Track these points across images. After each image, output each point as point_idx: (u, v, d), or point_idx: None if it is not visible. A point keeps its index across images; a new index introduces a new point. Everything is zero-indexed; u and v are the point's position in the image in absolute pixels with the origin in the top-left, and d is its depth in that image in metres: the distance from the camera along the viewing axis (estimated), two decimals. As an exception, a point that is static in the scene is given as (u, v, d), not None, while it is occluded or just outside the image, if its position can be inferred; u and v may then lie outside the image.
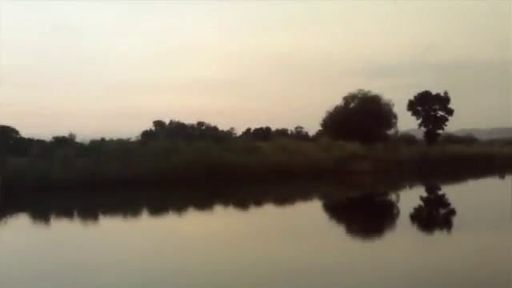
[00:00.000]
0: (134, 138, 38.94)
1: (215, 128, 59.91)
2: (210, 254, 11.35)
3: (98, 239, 14.32)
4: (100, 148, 31.60)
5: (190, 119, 69.48)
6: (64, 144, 32.24)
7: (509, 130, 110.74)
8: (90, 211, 20.94)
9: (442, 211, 20.52)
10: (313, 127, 58.44)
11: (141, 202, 23.96)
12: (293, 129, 63.87)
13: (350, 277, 9.13)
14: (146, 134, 53.04)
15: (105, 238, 14.41)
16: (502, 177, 38.31)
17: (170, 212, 20.92)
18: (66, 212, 20.99)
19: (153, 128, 60.76)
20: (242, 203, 22.68)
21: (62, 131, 34.89)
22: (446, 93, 56.60)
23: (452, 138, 60.49)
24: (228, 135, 53.14)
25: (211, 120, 76.49)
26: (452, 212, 19.40)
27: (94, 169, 28.36)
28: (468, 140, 61.86)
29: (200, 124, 62.31)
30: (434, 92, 57.01)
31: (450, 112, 56.60)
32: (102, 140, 34.08)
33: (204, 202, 23.57)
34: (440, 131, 57.87)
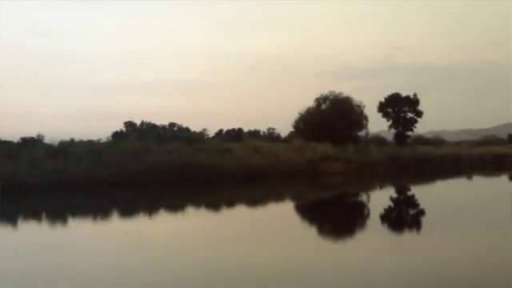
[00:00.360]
0: (104, 139, 38.49)
1: (187, 129, 59.68)
2: (176, 256, 11.25)
3: (62, 241, 14.01)
4: (69, 149, 31.09)
5: (161, 120, 68.97)
6: (32, 145, 31.64)
7: (476, 132, 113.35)
8: (55, 213, 20.48)
9: (412, 211, 20.79)
10: (285, 128, 58.65)
11: (109, 203, 23.61)
12: (265, 130, 64.03)
13: (315, 276, 9.16)
14: (117, 135, 52.47)
15: (68, 241, 14.10)
16: (470, 177, 39.12)
17: (139, 214, 20.64)
18: (30, 214, 20.48)
19: (124, 129, 60.07)
20: (213, 205, 22.54)
21: (30, 132, 34.28)
22: (415, 95, 57.57)
23: (421, 140, 61.49)
24: (200, 136, 53.01)
25: (183, 121, 76.19)
26: (421, 212, 19.69)
27: (62, 170, 27.89)
28: (436, 141, 62.98)
29: (172, 125, 61.94)
30: (403, 94, 57.95)
31: (419, 114, 57.58)
32: (72, 141, 33.56)
33: (175, 203, 23.35)
34: (409, 133, 58.83)
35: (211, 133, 59.89)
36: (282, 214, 19.85)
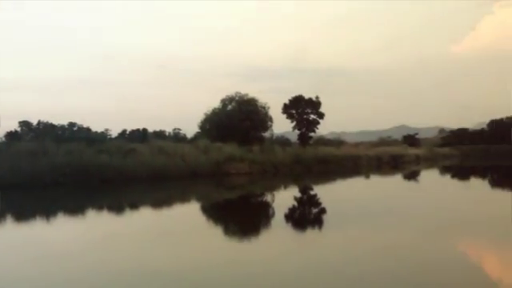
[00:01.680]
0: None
1: (88, 129, 57.43)
2: (72, 262, 10.71)
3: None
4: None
5: (60, 120, 65.77)
6: None
7: (374, 133, 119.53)
8: None
9: (314, 210, 21.38)
10: (191, 129, 58.29)
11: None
12: (171, 131, 63.27)
13: (218, 277, 9.12)
14: (11, 135, 49.27)
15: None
16: (367, 176, 41.08)
17: (32, 217, 19.41)
18: None
19: (18, 129, 56.55)
20: (114, 207, 21.80)
21: None
22: (317, 97, 59.58)
23: (323, 140, 63.74)
24: (102, 137, 51.19)
25: (84, 121, 73.18)
26: (323, 210, 20.32)
27: None
28: (337, 142, 65.58)
29: (71, 125, 59.24)
30: (306, 96, 59.75)
31: (321, 115, 59.67)
32: (-41, 141, 31.13)
33: (73, 206, 22.28)
34: (312, 134, 60.78)
35: (114, 133, 58.15)
36: (185, 214, 19.58)
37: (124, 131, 60.35)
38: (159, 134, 59.65)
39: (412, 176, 42.59)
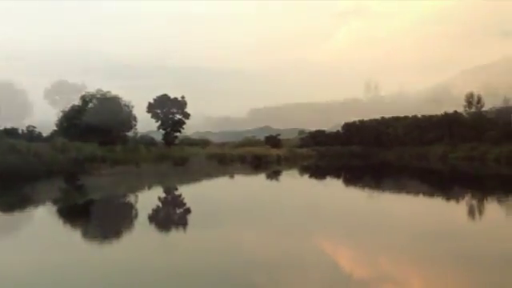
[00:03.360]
0: None
1: None
2: None
3: None
4: None
5: None
6: None
7: (238, 134, 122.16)
8: None
9: (178, 210, 21.16)
10: (47, 127, 54.62)
11: None
12: (24, 128, 58.71)
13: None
14: None
15: None
16: (232, 176, 41.77)
17: None
18: None
19: None
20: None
21: None
22: (183, 97, 59.38)
23: (189, 140, 63.70)
24: None
25: None
26: (187, 211, 20.18)
27: None
28: (203, 142, 65.95)
29: None
30: (172, 96, 59.25)
31: (187, 116, 59.55)
32: None
33: None
34: (178, 134, 60.41)
35: (-43, 130, 52.46)
36: (37, 219, 18.22)
37: (-31, 128, 54.71)
38: (10, 132, 54.92)
39: (274, 175, 44.15)
